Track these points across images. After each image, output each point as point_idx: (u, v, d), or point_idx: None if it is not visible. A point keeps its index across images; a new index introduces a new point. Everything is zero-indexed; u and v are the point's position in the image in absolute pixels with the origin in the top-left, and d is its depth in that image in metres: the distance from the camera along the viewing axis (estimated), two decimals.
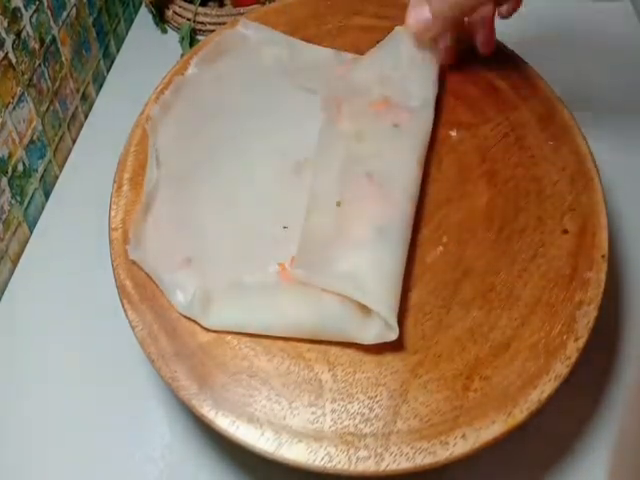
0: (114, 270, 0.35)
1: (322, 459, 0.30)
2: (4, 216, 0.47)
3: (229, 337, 0.33)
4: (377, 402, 0.31)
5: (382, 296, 0.32)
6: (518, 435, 0.31)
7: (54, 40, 0.52)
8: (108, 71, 0.63)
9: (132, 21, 0.68)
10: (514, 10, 0.41)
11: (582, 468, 0.38)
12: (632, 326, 0.43)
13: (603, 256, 0.35)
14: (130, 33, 0.67)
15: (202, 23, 0.63)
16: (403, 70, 0.40)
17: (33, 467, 0.40)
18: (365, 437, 0.30)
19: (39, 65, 0.50)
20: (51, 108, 0.53)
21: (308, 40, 0.45)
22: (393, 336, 0.31)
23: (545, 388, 0.31)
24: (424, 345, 0.33)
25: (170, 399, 0.42)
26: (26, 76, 0.48)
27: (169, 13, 0.65)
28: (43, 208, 0.53)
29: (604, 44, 0.62)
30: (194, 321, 0.33)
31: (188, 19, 0.63)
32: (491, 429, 0.30)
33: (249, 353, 0.33)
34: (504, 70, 0.43)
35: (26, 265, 0.49)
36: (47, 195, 0.53)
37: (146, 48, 0.65)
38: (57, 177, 0.55)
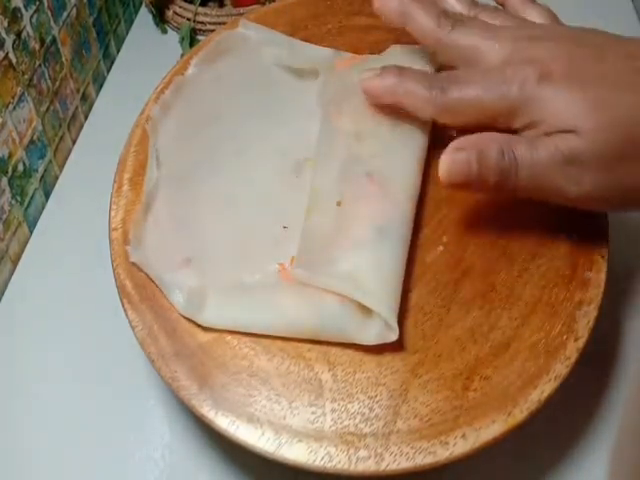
0: (114, 270, 0.36)
1: (322, 459, 0.30)
2: (4, 216, 0.47)
3: (229, 337, 0.33)
4: (377, 402, 0.31)
5: (382, 297, 0.32)
6: (518, 435, 0.31)
7: (54, 40, 0.52)
8: (108, 71, 0.63)
9: (132, 21, 0.68)
10: None
11: (582, 468, 0.38)
12: (632, 326, 0.43)
13: (603, 256, 0.35)
14: (130, 33, 0.67)
15: (202, 23, 0.63)
16: None
17: (33, 467, 0.40)
18: (365, 437, 0.30)
19: (39, 65, 0.50)
20: (51, 108, 0.53)
21: (308, 40, 0.44)
22: (393, 337, 0.31)
23: (545, 388, 0.31)
24: (424, 345, 0.33)
25: (170, 399, 0.42)
26: (26, 76, 0.48)
27: (169, 13, 0.65)
28: (43, 208, 0.53)
29: None
30: (194, 321, 0.33)
31: (188, 19, 0.63)
32: (491, 429, 0.30)
33: (249, 353, 0.33)
34: None
35: (26, 265, 0.49)
36: (47, 195, 0.53)
37: (146, 48, 0.65)
38: (57, 177, 0.55)
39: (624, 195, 0.31)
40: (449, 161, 0.31)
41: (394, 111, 0.38)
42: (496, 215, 0.37)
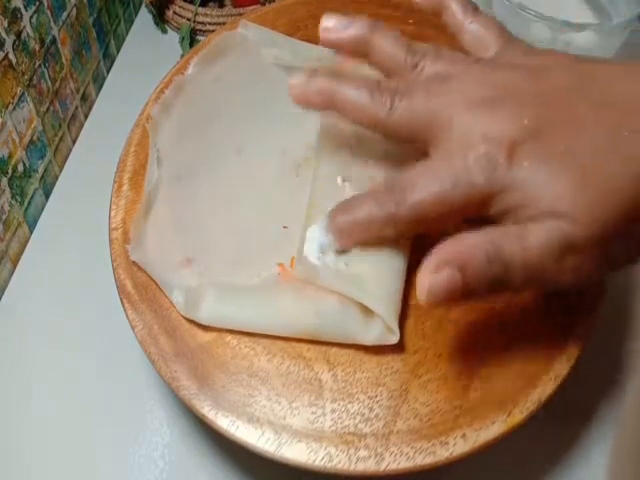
0: (114, 270, 0.36)
1: (322, 459, 0.30)
2: (4, 216, 0.47)
3: (229, 337, 0.33)
4: (377, 402, 0.31)
5: (384, 298, 0.32)
6: (518, 435, 0.31)
7: (54, 40, 0.52)
8: (108, 71, 0.63)
9: (132, 21, 0.68)
10: None
11: (582, 468, 0.38)
12: (632, 326, 0.43)
13: None
14: (130, 33, 0.67)
15: (202, 23, 0.63)
16: None
17: (33, 467, 0.40)
18: (365, 437, 0.30)
19: (39, 65, 0.50)
20: (51, 108, 0.53)
21: (308, 40, 0.45)
22: (394, 339, 0.31)
23: (545, 388, 0.31)
24: (424, 345, 0.33)
25: (170, 399, 0.42)
26: (26, 76, 0.48)
27: (169, 13, 0.65)
28: (43, 208, 0.53)
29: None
30: (194, 321, 0.33)
31: (188, 19, 0.63)
32: (491, 429, 0.30)
33: (249, 353, 0.33)
34: None
35: (26, 265, 0.49)
36: (47, 195, 0.53)
37: (146, 48, 0.65)
38: (57, 177, 0.55)
39: (617, 264, 0.28)
40: (427, 284, 0.26)
41: None
42: None
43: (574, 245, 0.25)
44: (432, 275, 0.26)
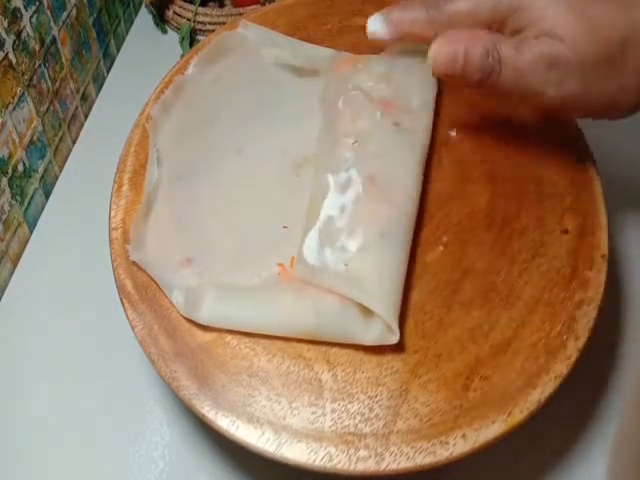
0: (114, 270, 0.36)
1: (322, 459, 0.30)
2: (4, 216, 0.47)
3: (229, 337, 0.33)
4: (377, 402, 0.31)
5: (383, 298, 0.32)
6: (518, 435, 0.31)
7: (54, 40, 0.52)
8: (108, 71, 0.63)
9: (132, 21, 0.68)
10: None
11: (582, 467, 0.38)
12: (632, 326, 0.43)
13: (603, 256, 0.35)
14: (130, 33, 0.67)
15: (202, 23, 0.63)
16: (402, 72, 0.40)
17: (33, 467, 0.40)
18: (365, 437, 0.30)
19: (39, 65, 0.50)
20: (51, 108, 0.53)
21: (308, 40, 0.44)
22: (394, 339, 0.31)
23: (545, 388, 0.31)
24: (424, 345, 0.33)
25: (170, 399, 0.42)
26: (26, 76, 0.48)
27: (169, 13, 0.65)
28: (43, 208, 0.53)
29: None
30: (194, 321, 0.33)
31: (188, 19, 0.63)
32: (491, 429, 0.30)
33: (249, 353, 0.33)
34: None
35: (26, 265, 0.49)
36: (47, 195, 0.53)
37: (146, 48, 0.65)
38: (57, 177, 0.55)
39: (598, 101, 0.33)
40: (434, 49, 0.33)
41: (394, 111, 0.38)
42: (496, 215, 0.37)
43: (560, 61, 0.32)
44: (440, 45, 0.33)
